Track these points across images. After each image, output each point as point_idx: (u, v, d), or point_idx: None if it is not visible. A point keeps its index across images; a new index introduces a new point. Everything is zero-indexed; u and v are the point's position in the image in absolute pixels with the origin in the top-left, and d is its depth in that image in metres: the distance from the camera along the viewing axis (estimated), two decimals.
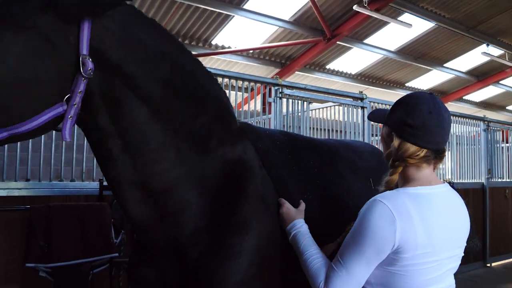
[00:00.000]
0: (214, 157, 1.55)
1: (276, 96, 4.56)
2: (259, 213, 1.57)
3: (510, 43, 12.63)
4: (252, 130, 1.78)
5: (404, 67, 13.16)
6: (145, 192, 1.43)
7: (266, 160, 1.70)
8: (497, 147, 7.60)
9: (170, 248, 1.50)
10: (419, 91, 1.55)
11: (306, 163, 1.83)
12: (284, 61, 11.59)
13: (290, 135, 1.95)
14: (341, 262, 1.39)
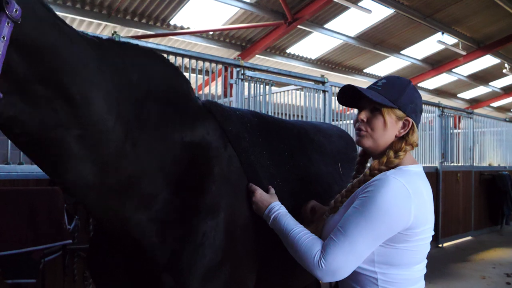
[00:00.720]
0: (172, 143, 1.43)
1: (238, 78, 4.46)
2: (227, 195, 1.50)
3: (464, 32, 13.07)
4: (220, 111, 1.68)
5: (363, 53, 13.35)
6: (107, 191, 1.29)
7: (236, 145, 1.62)
8: (450, 132, 7.89)
9: (137, 241, 1.39)
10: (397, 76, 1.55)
11: (277, 147, 1.77)
12: (244, 44, 11.44)
13: (261, 116, 1.87)
14: (344, 233, 1.33)
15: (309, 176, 1.89)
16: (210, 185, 1.47)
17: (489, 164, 9.33)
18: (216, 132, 1.59)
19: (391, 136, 1.47)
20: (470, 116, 8.54)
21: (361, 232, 1.32)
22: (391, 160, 1.44)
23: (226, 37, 11.04)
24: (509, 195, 8.60)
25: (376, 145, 1.49)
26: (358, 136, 1.51)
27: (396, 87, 1.47)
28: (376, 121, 1.46)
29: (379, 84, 1.50)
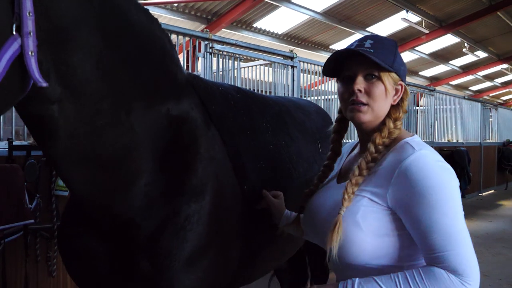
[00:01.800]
0: (161, 115, 1.34)
1: (206, 52, 4.33)
2: (212, 177, 1.44)
3: (427, 11, 13.29)
4: (203, 87, 1.59)
5: (329, 29, 13.36)
6: (94, 167, 1.20)
7: (221, 125, 1.55)
8: (412, 109, 8.08)
9: (119, 222, 1.32)
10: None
11: (260, 126, 1.73)
12: (210, 17, 11.18)
13: (243, 93, 1.80)
14: (447, 238, 1.08)
15: (291, 155, 1.86)
16: (197, 165, 1.40)
17: (448, 140, 9.67)
18: (199, 108, 1.51)
19: (388, 105, 1.29)
20: (432, 94, 8.76)
21: (458, 223, 1.12)
22: (392, 131, 1.27)
23: (191, 9, 10.73)
24: (466, 170, 8.97)
25: (375, 118, 1.28)
26: (357, 111, 1.26)
27: (387, 48, 1.28)
28: (376, 89, 1.24)
29: (366, 45, 1.26)
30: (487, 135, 11.73)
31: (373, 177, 1.23)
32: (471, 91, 25.57)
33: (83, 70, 1.08)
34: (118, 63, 1.19)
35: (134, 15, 1.27)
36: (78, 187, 1.24)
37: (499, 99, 29.36)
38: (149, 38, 1.32)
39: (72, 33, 1.05)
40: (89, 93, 1.11)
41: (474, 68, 20.73)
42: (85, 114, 1.12)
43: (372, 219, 1.19)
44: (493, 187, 11.77)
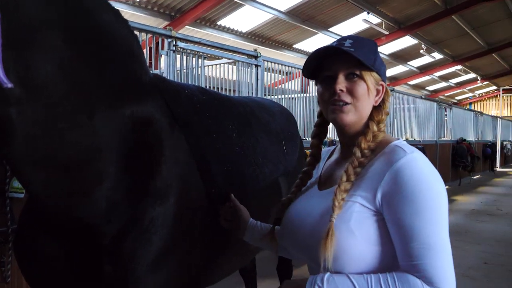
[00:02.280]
0: (125, 117, 1.31)
1: (169, 49, 4.28)
2: (177, 179, 1.42)
3: (387, 13, 13.69)
4: (169, 89, 1.56)
5: (293, 28, 13.49)
6: (54, 171, 1.16)
7: (186, 128, 1.54)
8: None
9: (80, 226, 1.28)
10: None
11: (226, 128, 1.71)
12: (174, 13, 11.03)
13: (208, 94, 1.78)
14: (428, 247, 1.05)
15: (257, 156, 1.87)
16: (161, 167, 1.38)
17: (406, 138, 9.99)
18: (165, 111, 1.49)
19: (371, 105, 1.25)
20: (391, 93, 9.02)
21: (441, 232, 1.07)
22: (376, 134, 1.23)
23: (154, 5, 10.55)
24: None
25: (359, 118, 1.23)
26: (339, 112, 1.21)
27: (367, 47, 1.24)
28: (358, 88, 1.20)
29: (346, 44, 1.20)
30: (442, 133, 12.21)
31: (362, 181, 1.17)
32: (428, 91, 26.53)
33: (44, 71, 1.04)
34: (81, 65, 1.15)
35: (101, 15, 1.24)
36: (37, 190, 1.19)
37: (453, 99, 30.61)
38: (115, 40, 1.29)
39: (34, 33, 1.02)
40: (50, 95, 1.07)
41: (431, 69, 21.53)
42: (44, 116, 1.07)
43: (366, 225, 1.12)
44: (448, 183, 12.27)
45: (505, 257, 5.15)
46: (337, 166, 1.33)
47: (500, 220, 7.40)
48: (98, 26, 1.22)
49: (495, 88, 29.34)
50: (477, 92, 31.11)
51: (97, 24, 1.22)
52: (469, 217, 7.62)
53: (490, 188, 12.31)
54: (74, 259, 1.32)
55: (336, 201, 1.13)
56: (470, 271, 4.58)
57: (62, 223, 1.30)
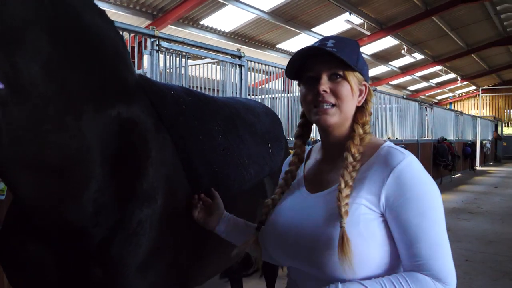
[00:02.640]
0: (111, 118, 1.29)
1: (152, 49, 4.24)
2: (164, 181, 1.41)
3: (369, 14, 13.83)
4: (154, 90, 1.54)
5: (276, 28, 13.51)
6: (41, 174, 1.14)
7: (172, 130, 1.53)
8: None
9: (68, 230, 1.26)
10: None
11: (211, 129, 1.71)
12: (156, 12, 10.93)
13: (194, 95, 1.78)
14: (436, 246, 1.10)
15: (243, 158, 1.87)
16: (148, 169, 1.36)
17: (388, 138, 10.12)
18: (150, 112, 1.48)
19: (354, 106, 1.24)
20: (374, 93, 9.12)
21: (443, 231, 1.13)
22: (363, 137, 1.23)
23: (136, 4, 10.44)
24: None
25: (343, 119, 1.22)
26: (323, 114, 1.20)
27: (349, 47, 1.22)
28: (342, 88, 1.19)
29: (329, 44, 1.20)
30: (423, 133, 12.40)
31: (364, 184, 1.17)
32: (409, 91, 26.91)
33: (30, 72, 1.02)
34: (68, 66, 1.13)
35: (87, 16, 1.22)
36: (24, 193, 1.17)
37: (434, 99, 31.12)
38: (102, 41, 1.27)
39: (20, 33, 1.00)
40: (36, 96, 1.05)
41: (412, 69, 21.84)
42: (30, 118, 1.05)
43: (372, 227, 1.14)
44: None
45: (485, 254, 5.25)
46: (323, 167, 1.31)
47: (481, 218, 7.54)
48: (83, 26, 1.20)
49: (475, 88, 29.94)
50: (457, 92, 31.69)
51: (83, 25, 1.20)
52: (450, 215, 7.75)
53: (470, 186, 12.54)
54: (62, 263, 1.30)
55: (342, 208, 1.12)
56: None
57: (49, 226, 1.28)
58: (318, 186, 1.28)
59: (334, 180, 1.22)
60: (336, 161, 1.25)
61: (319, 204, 1.22)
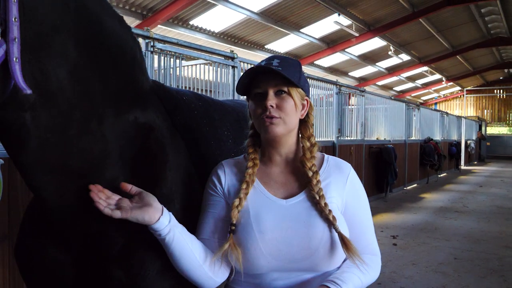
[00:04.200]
0: (129, 123, 1.32)
1: (147, 50, 4.25)
2: (181, 185, 1.44)
3: (357, 15, 13.97)
4: (168, 97, 1.57)
5: (265, 29, 13.58)
6: (65, 177, 1.16)
7: (186, 135, 1.55)
8: (345, 109, 8.49)
9: (90, 234, 1.28)
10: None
11: (222, 135, 1.73)
12: (146, 12, 10.91)
13: (204, 100, 1.79)
14: (367, 229, 1.46)
15: None
16: (166, 173, 1.39)
17: (376, 138, 10.25)
18: (165, 117, 1.50)
19: (298, 118, 1.40)
20: (362, 94, 9.25)
21: (369, 214, 1.50)
22: (311, 149, 1.40)
23: (126, 3, 10.40)
24: (393, 166, 9.58)
25: (287, 131, 1.37)
26: (270, 125, 1.33)
27: (293, 66, 1.37)
28: (286, 104, 1.34)
29: (274, 63, 1.33)
30: (410, 133, 12.58)
31: (329, 188, 1.39)
32: (396, 91, 27.23)
33: (58, 77, 1.05)
34: (92, 71, 1.16)
35: (108, 23, 1.24)
36: (48, 196, 1.19)
37: (419, 99, 31.54)
38: (121, 47, 1.29)
39: (49, 39, 1.02)
40: (63, 101, 1.07)
41: (398, 70, 22.12)
42: (57, 122, 1.08)
43: (343, 223, 1.37)
44: (416, 181, 12.66)
45: (473, 252, 5.38)
46: (277, 174, 1.43)
47: (467, 217, 7.70)
48: (105, 32, 1.22)
49: (459, 88, 30.43)
50: (442, 93, 32.17)
51: (104, 31, 1.22)
52: (438, 214, 7.89)
53: (456, 185, 12.76)
54: (82, 267, 1.31)
55: (330, 216, 1.32)
56: (441, 267, 4.76)
57: (70, 229, 1.29)
58: (281, 192, 1.40)
59: (296, 188, 1.40)
60: (288, 170, 1.44)
61: (298, 211, 1.35)
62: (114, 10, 1.30)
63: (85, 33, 1.14)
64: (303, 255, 1.30)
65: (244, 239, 1.31)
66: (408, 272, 4.56)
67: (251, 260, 1.30)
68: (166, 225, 1.25)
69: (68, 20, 1.08)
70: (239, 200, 1.35)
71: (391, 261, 4.96)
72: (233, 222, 1.33)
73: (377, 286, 4.14)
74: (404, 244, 5.69)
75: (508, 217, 7.64)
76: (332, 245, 1.31)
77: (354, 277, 1.33)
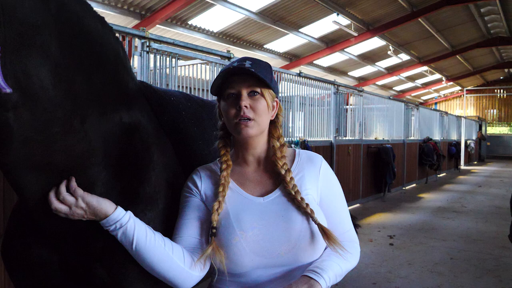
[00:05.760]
0: (113, 123, 1.33)
1: (143, 50, 4.26)
2: (166, 183, 1.45)
3: (356, 15, 13.95)
4: (155, 97, 1.58)
5: (264, 29, 13.57)
6: (48, 175, 1.18)
7: (172, 135, 1.57)
8: (343, 108, 8.49)
9: (74, 233, 1.29)
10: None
11: (210, 135, 1.74)
12: (144, 12, 10.90)
13: (192, 100, 1.81)
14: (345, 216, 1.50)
15: None
16: (150, 173, 1.40)
17: (375, 138, 10.25)
18: (151, 117, 1.51)
19: (269, 119, 1.43)
20: (360, 94, 9.24)
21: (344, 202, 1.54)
22: (282, 149, 1.44)
23: (124, 3, 10.39)
24: (391, 166, 9.58)
25: (260, 131, 1.40)
26: (244, 126, 1.34)
27: (264, 68, 1.39)
28: (259, 104, 1.36)
29: (247, 65, 1.35)
30: (409, 133, 12.57)
31: (303, 182, 1.44)
32: (395, 91, 27.21)
33: (40, 77, 1.06)
34: (73, 71, 1.17)
35: (90, 22, 1.25)
36: (32, 195, 1.20)
37: (419, 99, 31.51)
38: (103, 46, 1.30)
39: (31, 39, 1.03)
40: (45, 100, 1.08)
41: (398, 70, 22.10)
42: (40, 121, 1.09)
43: (321, 213, 1.41)
44: (415, 181, 12.66)
45: (470, 252, 5.38)
46: (250, 173, 1.46)
47: (465, 217, 7.69)
48: (86, 32, 1.23)
49: (459, 88, 30.40)
50: (442, 93, 32.15)
51: (85, 30, 1.23)
52: (435, 214, 7.89)
53: (455, 185, 12.75)
54: (67, 265, 1.33)
55: (308, 209, 1.35)
56: (437, 267, 4.76)
57: (54, 228, 1.30)
58: (257, 191, 1.43)
59: (271, 185, 1.43)
60: (262, 170, 1.46)
61: (276, 207, 1.38)
62: (95, 11, 1.31)
63: (66, 33, 1.14)
64: (285, 249, 1.33)
65: (226, 240, 1.32)
66: (404, 272, 4.56)
67: (235, 260, 1.32)
68: (124, 213, 1.26)
69: (49, 20, 1.09)
70: (219, 203, 1.36)
71: (387, 261, 4.96)
72: (213, 225, 1.33)
73: (372, 286, 4.14)
74: (400, 244, 5.69)
75: (506, 217, 7.62)
76: (312, 236, 1.35)
77: (334, 264, 1.36)
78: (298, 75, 7.18)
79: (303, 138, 7.23)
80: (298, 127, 7.62)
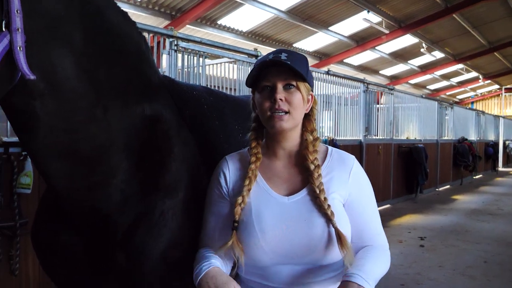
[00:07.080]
0: (136, 115, 1.38)
1: (171, 49, 4.31)
2: (186, 176, 1.48)
3: (387, 12, 13.68)
4: (178, 91, 1.62)
5: (293, 27, 13.51)
6: (73, 162, 1.23)
7: (194, 128, 1.60)
8: (373, 107, 8.34)
9: (97, 218, 1.35)
10: None
11: (232, 129, 1.76)
12: (174, 13, 11.07)
13: (215, 95, 1.84)
14: (374, 216, 1.46)
15: None
16: (171, 163, 1.44)
17: (406, 137, 10.03)
18: (173, 110, 1.56)
19: (304, 113, 1.40)
20: (391, 92, 9.06)
21: (375, 206, 1.49)
22: (315, 143, 1.41)
23: (155, 4, 10.58)
24: (423, 166, 9.34)
25: (294, 125, 1.37)
26: (278, 120, 1.32)
27: (300, 60, 1.36)
28: (294, 98, 1.33)
29: (282, 57, 1.32)
30: (443, 133, 12.23)
31: (331, 183, 1.39)
32: (429, 90, 26.53)
33: (64, 67, 1.12)
34: (96, 62, 1.22)
35: (113, 16, 1.30)
36: (56, 181, 1.26)
37: (455, 98, 30.59)
38: (126, 40, 1.35)
39: (55, 29, 1.09)
40: (69, 90, 1.14)
41: (432, 68, 21.53)
42: (64, 110, 1.15)
43: (345, 216, 1.37)
44: (449, 182, 12.30)
45: (504, 256, 5.17)
46: (280, 170, 1.43)
47: (501, 220, 7.42)
48: (108, 25, 1.28)
49: (498, 87, 29.31)
50: (479, 91, 31.10)
51: (108, 23, 1.28)
52: (470, 217, 7.64)
53: (491, 187, 12.32)
54: (91, 250, 1.39)
55: (328, 211, 1.31)
56: (469, 270, 4.61)
57: (78, 213, 1.37)
58: (284, 189, 1.40)
59: (299, 183, 1.39)
60: (292, 165, 1.42)
61: (299, 209, 1.34)
62: (117, 5, 1.35)
63: (89, 25, 1.20)
64: (304, 252, 1.32)
65: (245, 237, 1.33)
66: (434, 275, 4.43)
67: (254, 257, 1.33)
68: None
69: (73, 12, 1.14)
70: (242, 197, 1.36)
71: (416, 262, 4.84)
72: (236, 219, 1.34)
73: (400, 287, 4.05)
74: (431, 246, 5.54)
75: None
76: (330, 241, 1.31)
77: (377, 268, 1.33)
78: (327, 73, 7.11)
79: (331, 137, 7.14)
80: (327, 126, 7.54)
